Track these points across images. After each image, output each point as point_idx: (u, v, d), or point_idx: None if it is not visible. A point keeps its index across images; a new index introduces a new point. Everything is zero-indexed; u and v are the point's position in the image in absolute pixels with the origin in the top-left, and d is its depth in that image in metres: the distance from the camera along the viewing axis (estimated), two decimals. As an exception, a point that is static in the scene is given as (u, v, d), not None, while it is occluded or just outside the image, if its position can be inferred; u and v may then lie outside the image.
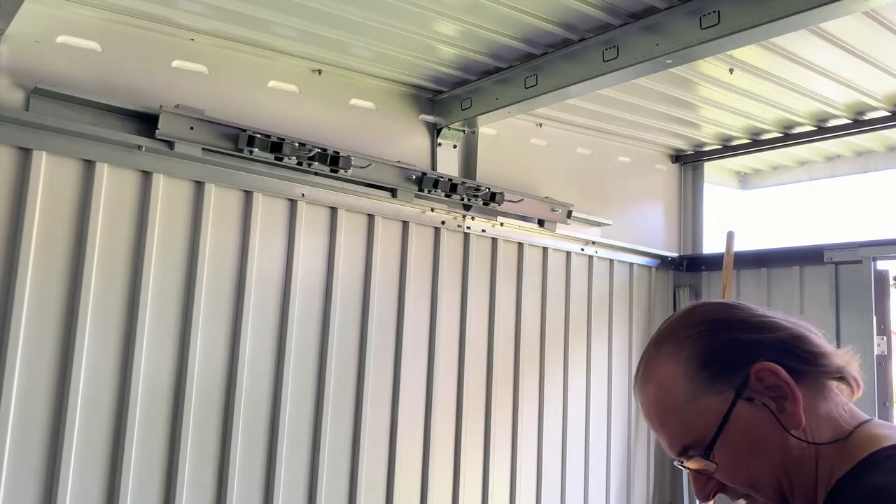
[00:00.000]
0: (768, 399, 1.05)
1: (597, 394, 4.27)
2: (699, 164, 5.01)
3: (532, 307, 4.00)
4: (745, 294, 4.49)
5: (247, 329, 2.99)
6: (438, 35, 3.07)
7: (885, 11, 2.88)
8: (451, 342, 3.65)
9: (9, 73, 2.61)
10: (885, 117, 3.99)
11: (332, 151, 3.18)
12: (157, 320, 2.79)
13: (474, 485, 3.67)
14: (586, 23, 2.95)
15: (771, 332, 1.10)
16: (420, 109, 3.78)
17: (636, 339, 4.54)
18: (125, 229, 2.76)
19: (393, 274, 3.48)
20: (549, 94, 3.25)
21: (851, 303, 3.99)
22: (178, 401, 2.82)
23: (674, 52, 2.77)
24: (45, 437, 2.55)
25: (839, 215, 5.57)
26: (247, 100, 3.18)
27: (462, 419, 3.63)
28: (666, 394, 1.11)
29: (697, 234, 5.01)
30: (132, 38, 2.91)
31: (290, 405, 3.09)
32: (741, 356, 1.07)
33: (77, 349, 2.60)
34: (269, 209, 3.12)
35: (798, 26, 2.56)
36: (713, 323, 1.13)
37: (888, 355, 3.87)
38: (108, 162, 2.72)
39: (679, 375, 1.10)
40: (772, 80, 3.53)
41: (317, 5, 2.77)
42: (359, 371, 3.31)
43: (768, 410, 1.05)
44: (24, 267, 2.53)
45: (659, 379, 1.12)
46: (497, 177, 3.94)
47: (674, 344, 1.13)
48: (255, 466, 3.00)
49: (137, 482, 2.70)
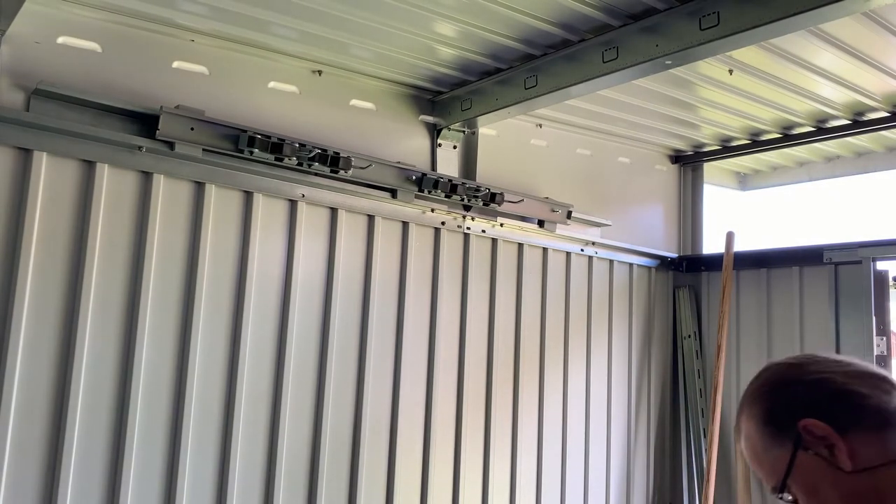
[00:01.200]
0: (822, 448, 1.24)
1: (597, 394, 4.28)
2: (699, 164, 5.02)
3: (532, 307, 4.00)
4: (744, 294, 4.49)
5: (247, 329, 3.00)
6: (438, 36, 3.07)
7: (885, 12, 2.88)
8: (451, 342, 3.65)
9: (9, 74, 2.61)
10: (884, 118, 3.99)
11: (332, 152, 3.18)
12: (158, 320, 2.80)
13: (474, 484, 3.68)
14: (586, 24, 2.95)
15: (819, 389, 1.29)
16: (420, 110, 3.78)
17: (636, 339, 4.55)
18: (125, 230, 2.76)
19: (393, 274, 3.48)
20: (548, 94, 3.25)
21: (851, 303, 3.99)
22: (178, 400, 2.82)
23: (673, 53, 2.78)
24: (46, 437, 2.55)
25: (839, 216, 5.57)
26: (247, 100, 3.18)
27: (462, 419, 3.63)
28: (750, 445, 1.36)
29: (697, 234, 5.02)
30: (132, 39, 2.92)
31: (290, 405, 3.09)
32: (791, 414, 1.28)
33: (77, 349, 2.61)
34: (270, 210, 3.12)
35: (797, 27, 2.57)
36: (773, 385, 1.35)
37: (887, 356, 3.87)
38: (108, 162, 2.72)
39: (754, 431, 1.34)
40: (771, 80, 3.54)
41: (317, 6, 2.77)
42: (359, 371, 3.32)
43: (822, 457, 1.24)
44: (24, 267, 2.53)
45: (745, 434, 1.37)
46: (497, 177, 3.94)
47: (748, 403, 1.37)
48: (256, 466, 3.00)
49: (138, 482, 2.71)
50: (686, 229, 5.04)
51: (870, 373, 1.30)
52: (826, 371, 1.30)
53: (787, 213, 5.76)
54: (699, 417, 4.56)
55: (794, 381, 1.32)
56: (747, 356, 4.45)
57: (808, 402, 1.27)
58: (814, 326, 4.14)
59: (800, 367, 1.34)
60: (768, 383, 1.36)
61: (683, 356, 4.73)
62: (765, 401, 1.33)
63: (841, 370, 1.30)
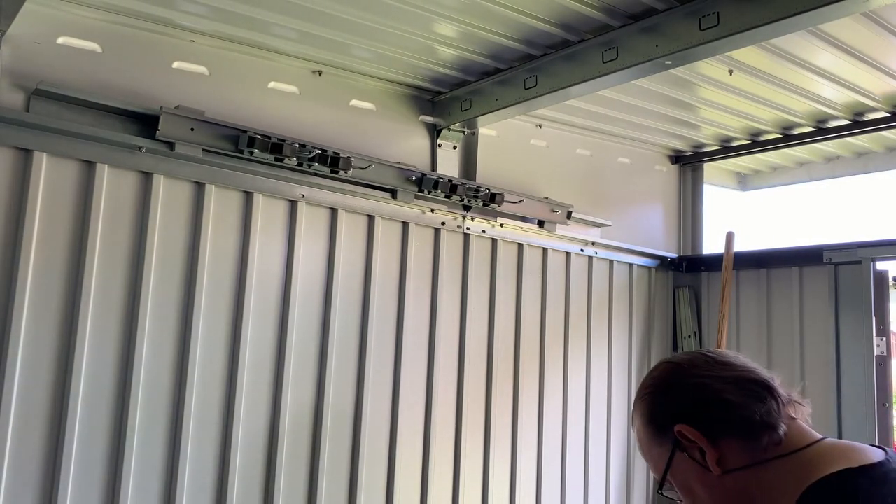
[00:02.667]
0: (695, 451, 1.34)
1: (596, 394, 4.28)
2: (699, 164, 5.02)
3: (532, 308, 4.00)
4: (744, 294, 4.49)
5: (247, 329, 3.00)
6: (438, 36, 3.07)
7: (885, 13, 2.88)
8: (451, 342, 3.65)
9: (9, 75, 2.61)
10: (884, 118, 3.99)
11: (332, 152, 3.18)
12: (158, 321, 2.80)
13: (474, 485, 3.68)
14: (586, 24, 2.95)
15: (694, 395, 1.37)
16: (420, 110, 3.78)
17: (636, 339, 4.55)
18: (125, 230, 2.76)
19: (393, 274, 3.48)
20: (548, 94, 3.26)
21: (851, 303, 3.99)
22: (178, 400, 2.82)
23: (673, 54, 2.78)
24: (46, 437, 2.55)
25: (838, 216, 5.57)
26: (247, 101, 3.18)
27: (462, 419, 3.63)
28: (639, 438, 1.47)
29: (697, 234, 5.02)
30: (133, 40, 2.92)
31: (290, 405, 3.09)
32: (670, 418, 1.37)
33: (77, 350, 2.61)
34: (270, 210, 3.12)
35: (797, 27, 2.57)
36: (656, 387, 1.44)
37: (887, 356, 3.88)
38: (108, 163, 2.72)
39: (641, 426, 1.45)
40: (771, 81, 3.54)
41: (317, 6, 2.78)
42: (359, 371, 3.32)
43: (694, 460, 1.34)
44: (24, 268, 2.53)
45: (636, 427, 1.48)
46: (497, 177, 3.94)
47: (638, 399, 1.47)
48: (256, 466, 3.00)
49: (138, 482, 2.71)
50: (686, 229, 5.03)
51: (746, 378, 1.37)
52: (706, 376, 1.38)
53: (787, 213, 5.77)
54: (699, 417, 4.56)
55: (675, 385, 1.41)
56: (747, 356, 4.44)
57: (685, 408, 1.36)
58: (814, 326, 4.15)
59: (683, 371, 1.42)
60: (653, 384, 1.45)
61: (683, 356, 4.72)
62: (648, 402, 1.43)
63: (719, 376, 1.37)
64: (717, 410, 1.34)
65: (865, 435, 3.82)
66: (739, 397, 1.33)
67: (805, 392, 1.40)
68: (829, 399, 4.00)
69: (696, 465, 1.34)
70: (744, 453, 1.31)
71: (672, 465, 1.37)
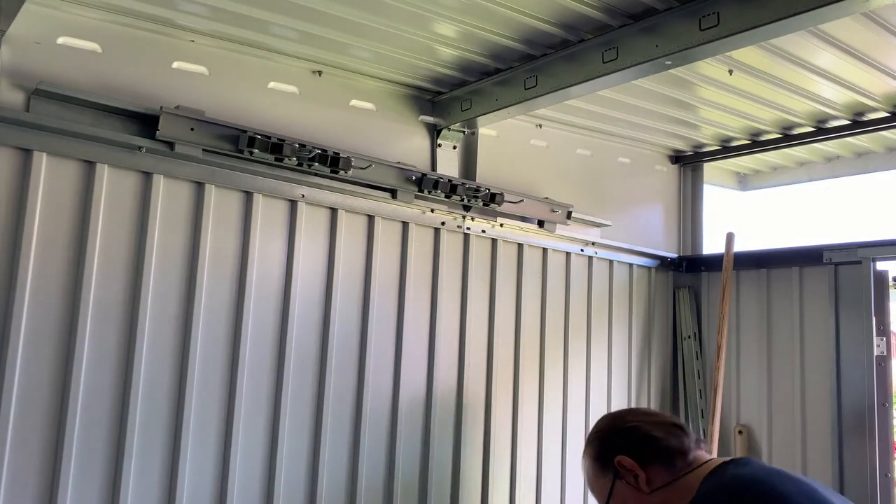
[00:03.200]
0: (630, 477, 1.82)
1: (596, 394, 4.28)
2: (699, 164, 5.02)
3: (532, 308, 4.00)
4: (744, 294, 4.50)
5: (247, 330, 3.00)
6: (438, 36, 3.07)
7: (885, 13, 2.88)
8: (451, 343, 3.65)
9: (9, 74, 2.61)
10: (884, 118, 3.99)
11: (332, 152, 3.18)
12: (158, 320, 2.80)
13: (474, 484, 3.68)
14: (586, 24, 2.95)
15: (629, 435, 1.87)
16: (420, 110, 3.78)
17: (636, 339, 4.55)
18: (125, 230, 2.76)
19: (393, 275, 3.48)
20: (548, 95, 3.25)
21: (851, 303, 4.00)
22: (178, 400, 2.82)
23: (673, 54, 2.78)
24: (46, 437, 2.55)
25: (838, 216, 5.58)
26: (247, 101, 3.19)
27: (462, 419, 3.64)
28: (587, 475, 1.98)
29: (697, 234, 5.02)
30: (133, 40, 2.92)
31: (290, 405, 3.09)
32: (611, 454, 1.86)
33: (77, 350, 2.61)
34: (270, 210, 3.12)
35: (797, 27, 2.57)
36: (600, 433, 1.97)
37: (887, 356, 3.88)
38: (108, 163, 2.72)
39: (589, 465, 1.95)
40: (771, 81, 3.54)
41: (317, 6, 2.78)
42: (359, 371, 3.32)
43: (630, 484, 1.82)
44: (24, 268, 2.53)
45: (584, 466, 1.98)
46: (497, 178, 3.94)
47: (587, 444, 1.98)
48: (256, 466, 3.00)
49: (138, 482, 2.71)
50: (686, 229, 5.04)
51: (667, 423, 1.89)
52: (638, 421, 1.90)
53: (787, 214, 5.77)
54: (699, 418, 4.56)
55: (615, 429, 1.93)
56: (747, 357, 4.46)
57: (622, 444, 1.85)
58: (814, 326, 4.15)
59: (620, 419, 1.98)
60: (599, 431, 1.97)
61: (683, 357, 4.73)
62: (596, 445, 1.94)
63: (648, 420, 1.90)
64: (645, 444, 1.82)
65: (865, 434, 3.83)
66: (662, 434, 1.83)
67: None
68: (829, 399, 4.00)
69: (631, 487, 1.81)
70: (665, 474, 1.79)
71: (613, 492, 1.84)
